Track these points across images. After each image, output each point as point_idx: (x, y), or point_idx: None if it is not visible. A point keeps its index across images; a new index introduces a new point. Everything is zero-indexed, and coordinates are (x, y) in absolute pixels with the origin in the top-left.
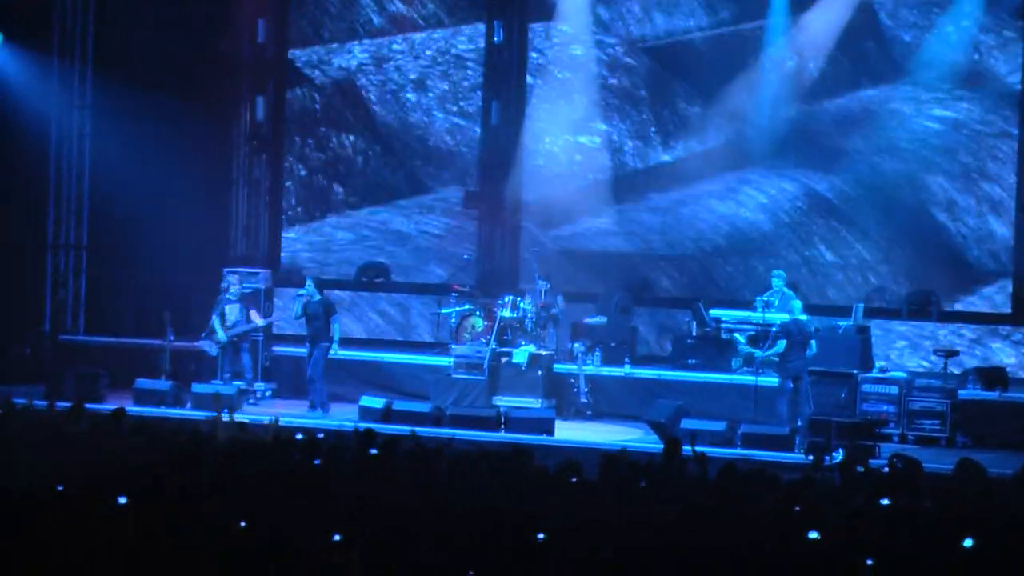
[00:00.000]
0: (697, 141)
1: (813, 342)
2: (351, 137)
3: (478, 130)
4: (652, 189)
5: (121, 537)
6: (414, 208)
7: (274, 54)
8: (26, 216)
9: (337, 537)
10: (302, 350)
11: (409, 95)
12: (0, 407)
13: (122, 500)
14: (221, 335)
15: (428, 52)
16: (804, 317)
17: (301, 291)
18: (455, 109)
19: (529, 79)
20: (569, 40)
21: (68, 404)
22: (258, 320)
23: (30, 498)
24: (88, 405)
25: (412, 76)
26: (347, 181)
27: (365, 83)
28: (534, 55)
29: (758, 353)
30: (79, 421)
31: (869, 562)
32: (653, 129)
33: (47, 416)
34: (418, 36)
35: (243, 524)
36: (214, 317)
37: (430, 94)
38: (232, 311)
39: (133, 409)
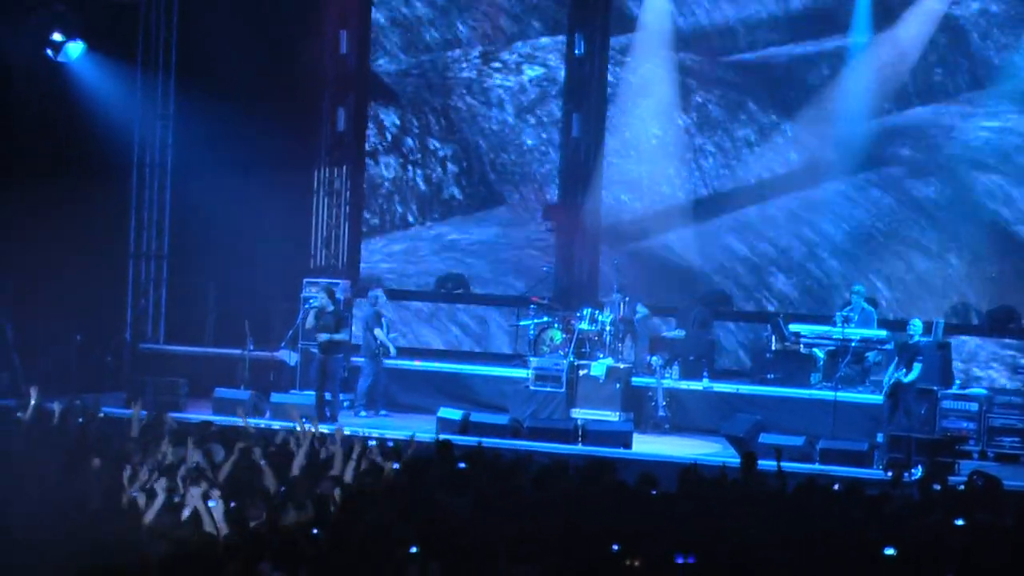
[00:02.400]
0: (777, 155)
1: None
2: (432, 148)
3: (557, 142)
4: (732, 202)
5: None
6: (493, 220)
7: (356, 65)
8: (108, 225)
9: (414, 549)
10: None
11: (489, 107)
12: (81, 415)
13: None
14: (391, 347)
15: (509, 64)
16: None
17: (313, 301)
18: (534, 121)
19: (609, 91)
20: (649, 54)
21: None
22: (381, 336)
23: None
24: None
25: (492, 88)
26: (427, 193)
27: (447, 95)
28: (615, 68)
29: (902, 378)
30: (161, 429)
31: None
32: (733, 142)
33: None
34: (500, 49)
35: (315, 532)
36: (378, 329)
37: (510, 106)
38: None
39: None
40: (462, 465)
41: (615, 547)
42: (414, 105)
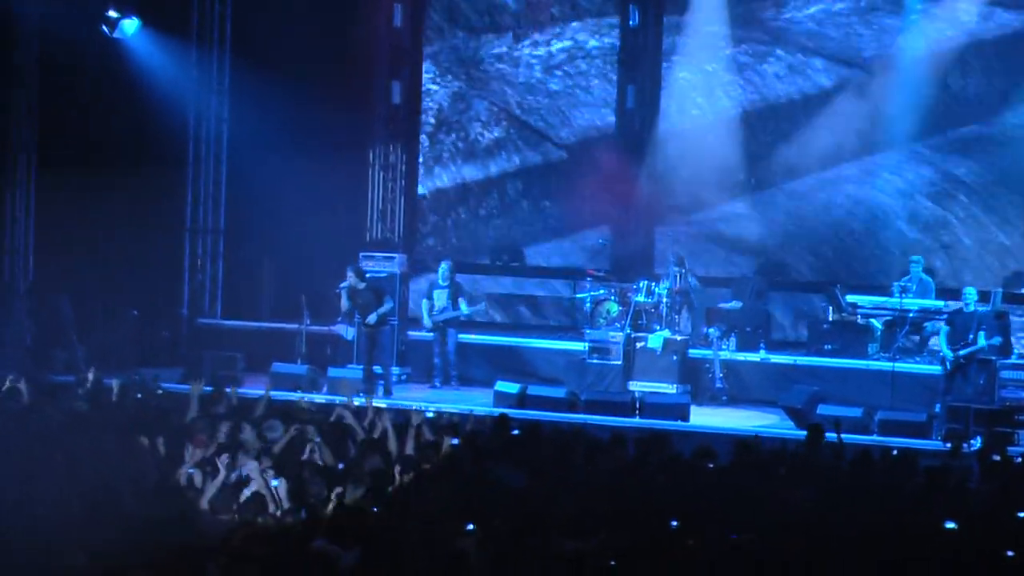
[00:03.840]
0: (835, 123)
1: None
2: (484, 122)
3: (611, 117)
4: (788, 172)
5: None
6: (549, 193)
7: (410, 38)
8: (165, 200)
9: (471, 526)
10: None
11: (542, 82)
12: (139, 391)
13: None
14: (427, 320)
15: (562, 42)
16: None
17: (342, 283)
18: (587, 97)
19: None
20: (703, 22)
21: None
22: (464, 308)
23: None
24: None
25: (545, 64)
26: (482, 166)
27: (500, 70)
28: (669, 40)
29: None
30: (220, 404)
31: (1010, 554)
32: (788, 112)
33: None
34: (552, 25)
35: (373, 508)
36: (423, 301)
37: (563, 82)
38: (440, 296)
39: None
40: (518, 437)
41: (674, 523)
42: (469, 79)
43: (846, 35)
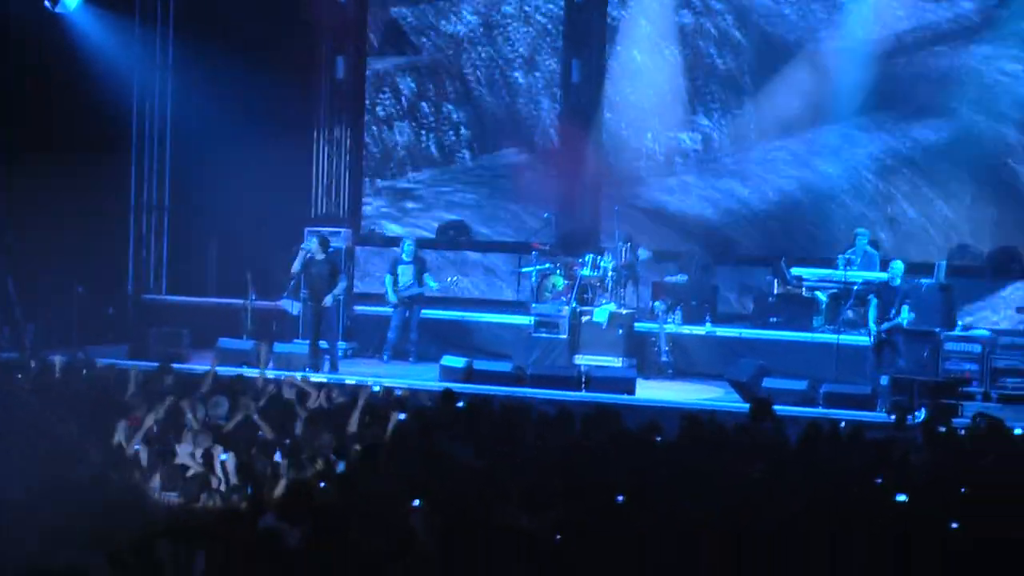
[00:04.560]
0: (779, 98)
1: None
2: (433, 97)
3: (556, 90)
4: (733, 146)
5: None
6: (491, 167)
7: (355, 13)
8: (109, 178)
9: (417, 502)
10: (383, 309)
11: (482, 53)
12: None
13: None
14: (392, 296)
15: (504, 10)
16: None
17: (303, 245)
18: (526, 67)
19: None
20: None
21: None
22: (432, 283)
23: None
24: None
25: (485, 36)
26: (428, 140)
27: (438, 42)
28: (614, 13)
29: (902, 322)
30: (165, 380)
31: (954, 525)
32: (733, 87)
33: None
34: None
35: (321, 484)
36: (387, 276)
37: (505, 55)
38: (405, 272)
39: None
40: (463, 411)
41: (619, 498)
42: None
43: (799, 12)
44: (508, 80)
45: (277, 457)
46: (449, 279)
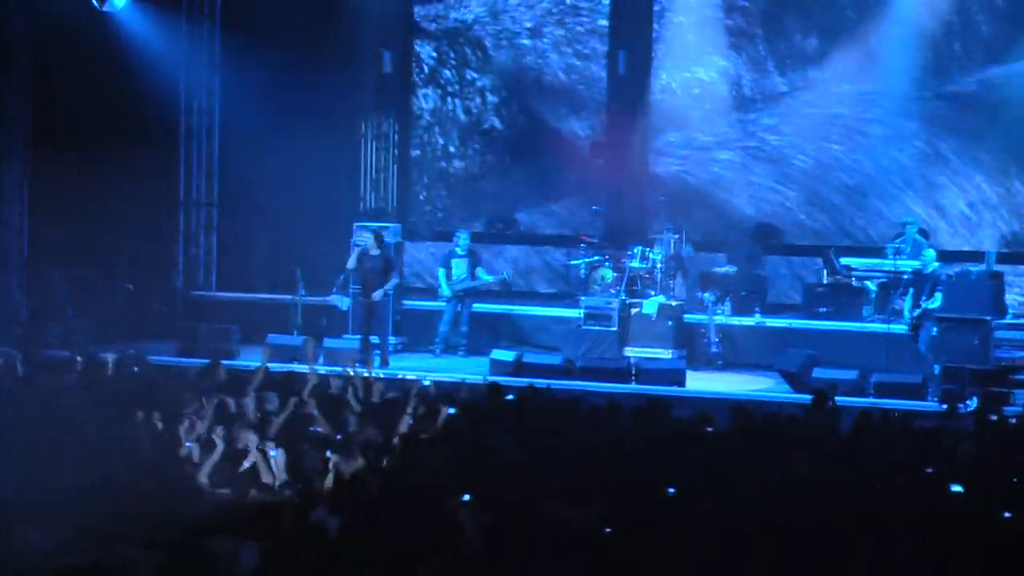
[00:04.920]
0: (826, 88)
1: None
2: (470, 79)
3: (602, 75)
4: (780, 135)
5: None
6: (540, 160)
7: (400, 7)
8: (158, 174)
9: (467, 497)
10: (432, 303)
11: (525, 41)
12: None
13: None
14: (445, 290)
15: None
16: (935, 265)
17: (358, 241)
18: (571, 52)
19: (656, 29)
20: None
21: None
22: (485, 276)
23: None
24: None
25: (528, 25)
26: (471, 133)
27: (483, 33)
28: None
29: (929, 306)
30: (215, 376)
31: (1007, 515)
32: (782, 79)
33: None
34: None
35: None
36: (440, 270)
37: (546, 40)
38: (459, 266)
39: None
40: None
41: (671, 490)
42: (456, 46)
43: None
44: (555, 74)
45: (327, 452)
46: (504, 273)
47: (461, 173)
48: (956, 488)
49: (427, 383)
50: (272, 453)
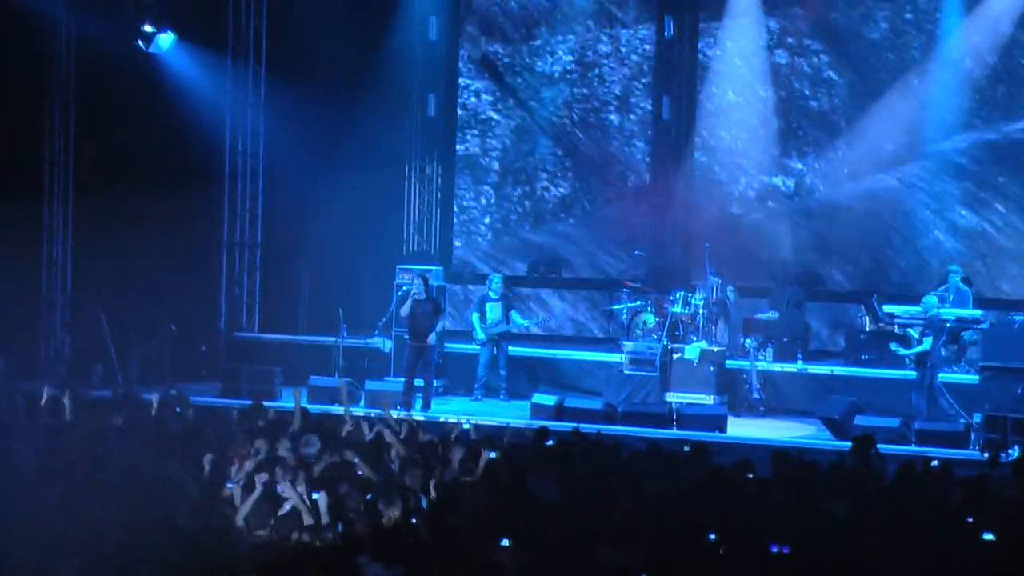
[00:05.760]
0: (868, 131)
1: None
2: (521, 137)
3: (647, 130)
4: (824, 181)
5: None
6: (587, 209)
7: (445, 51)
8: (202, 214)
9: (505, 542)
10: (470, 346)
11: (576, 93)
12: (178, 405)
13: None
14: (480, 334)
15: (599, 51)
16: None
17: (411, 289)
18: (621, 107)
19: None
20: (736, 37)
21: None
22: (519, 319)
23: None
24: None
25: (580, 74)
26: (519, 181)
27: (534, 83)
28: (705, 49)
29: (904, 351)
30: (258, 418)
31: None
32: (824, 124)
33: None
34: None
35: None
36: (474, 314)
37: (599, 95)
38: (493, 310)
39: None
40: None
41: (712, 536)
42: (505, 93)
43: (895, 47)
44: (602, 120)
45: (368, 496)
46: (539, 316)
47: (506, 216)
48: (988, 536)
49: (467, 427)
50: (314, 496)
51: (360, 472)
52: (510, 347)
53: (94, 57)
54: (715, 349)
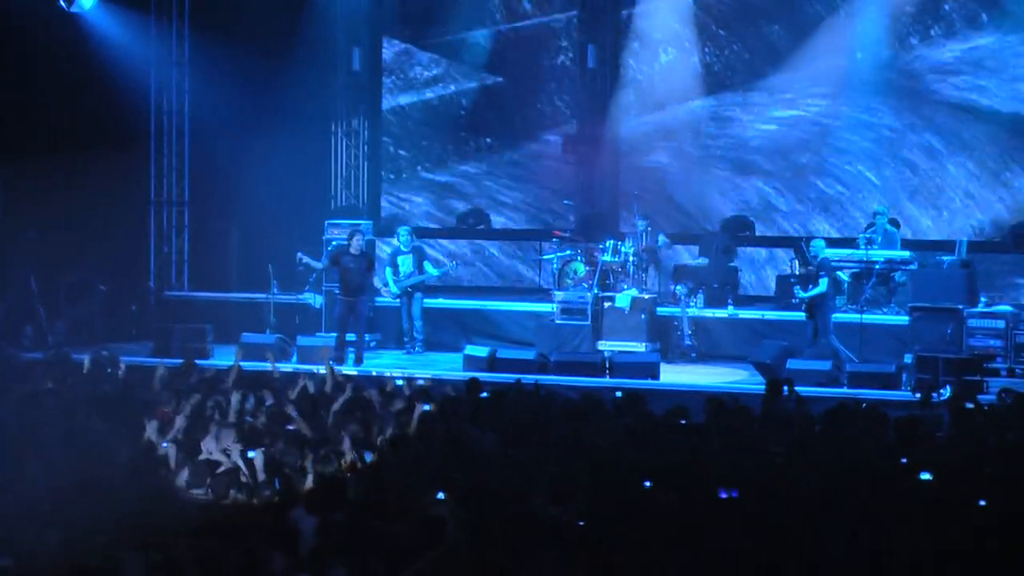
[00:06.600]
0: (789, 72)
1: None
2: (451, 90)
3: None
4: (748, 128)
5: None
6: (512, 158)
7: (370, 4)
8: (129, 174)
9: (441, 495)
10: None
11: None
12: (109, 366)
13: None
14: (393, 287)
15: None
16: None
17: (334, 239)
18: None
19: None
20: None
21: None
22: (432, 270)
23: None
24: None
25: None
26: (447, 135)
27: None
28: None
29: (801, 294)
30: (190, 376)
31: (982, 503)
32: (750, 74)
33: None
34: None
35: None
36: (387, 269)
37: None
38: (404, 262)
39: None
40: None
41: (647, 483)
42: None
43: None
44: (528, 66)
45: (304, 451)
46: (449, 264)
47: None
48: (925, 476)
49: (400, 382)
50: (250, 453)
51: (295, 428)
52: (441, 300)
53: (14, 17)
54: (646, 297)
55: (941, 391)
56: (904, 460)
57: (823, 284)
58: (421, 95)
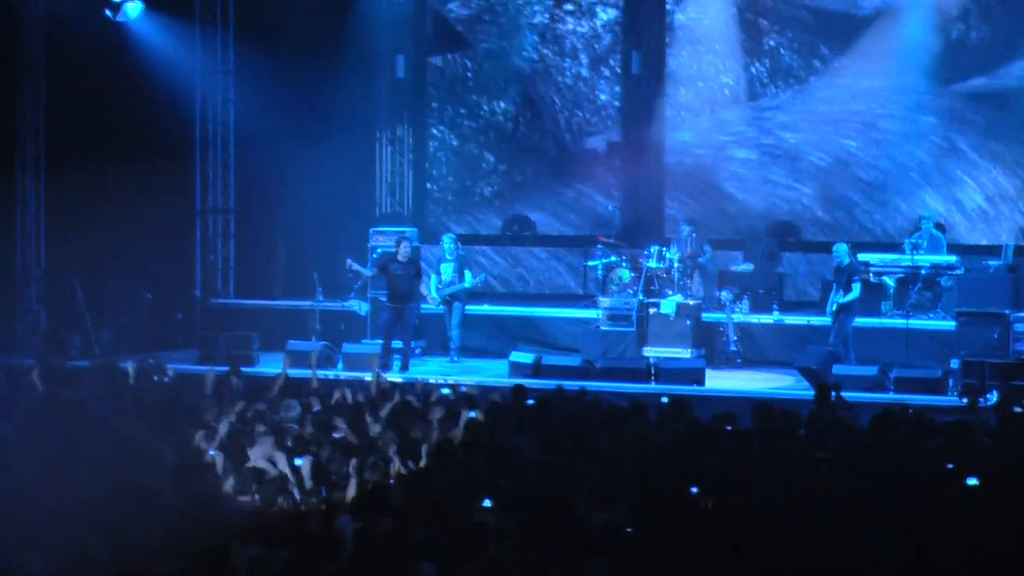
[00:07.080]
0: (839, 81)
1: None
2: (500, 103)
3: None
4: (794, 131)
5: None
6: (557, 164)
7: (414, 10)
8: (175, 182)
9: (487, 503)
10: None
11: (563, 57)
12: (155, 374)
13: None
14: (434, 293)
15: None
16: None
17: (380, 246)
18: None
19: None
20: None
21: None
22: (469, 280)
23: None
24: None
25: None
26: (496, 147)
27: (507, 46)
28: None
29: (840, 300)
30: (236, 384)
31: None
32: (790, 70)
33: None
34: None
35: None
36: (432, 277)
37: (584, 56)
38: (447, 270)
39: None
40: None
41: (694, 489)
42: (482, 58)
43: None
44: (571, 74)
45: (351, 459)
46: (483, 275)
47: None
48: (972, 481)
49: (447, 390)
50: (297, 461)
51: (341, 435)
52: (487, 307)
53: (63, 28)
54: (691, 303)
55: (988, 396)
56: (950, 465)
57: (856, 289)
58: (464, 100)
